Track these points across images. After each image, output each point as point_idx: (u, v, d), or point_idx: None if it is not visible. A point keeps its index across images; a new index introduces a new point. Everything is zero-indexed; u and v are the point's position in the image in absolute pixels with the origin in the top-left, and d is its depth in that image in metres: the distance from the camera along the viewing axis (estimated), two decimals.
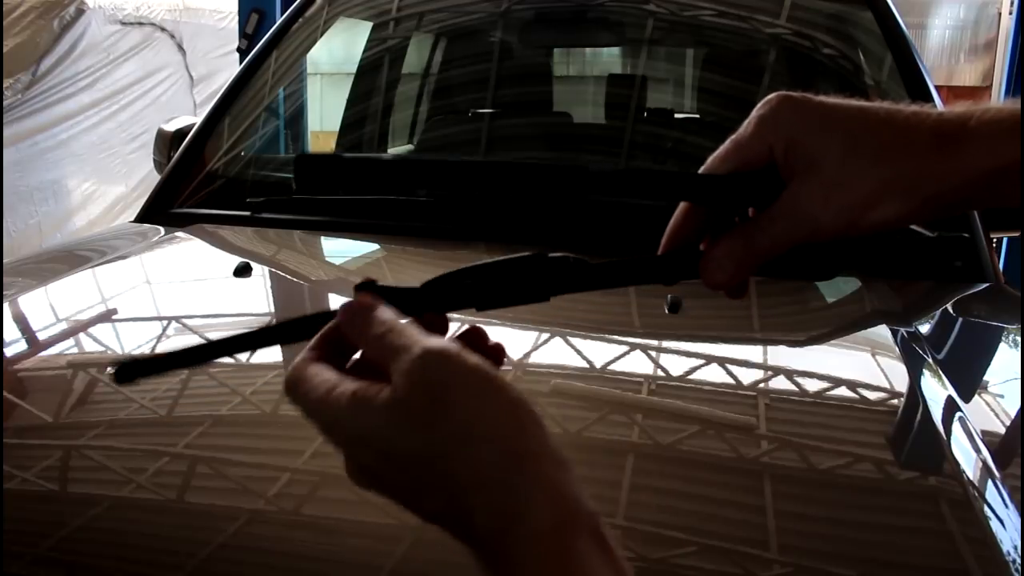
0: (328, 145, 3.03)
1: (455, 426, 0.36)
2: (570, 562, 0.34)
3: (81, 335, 1.17)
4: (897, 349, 1.08)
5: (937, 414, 0.91)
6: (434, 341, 0.38)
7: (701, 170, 0.47)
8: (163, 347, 1.13)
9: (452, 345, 0.38)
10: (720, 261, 0.45)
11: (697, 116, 2.32)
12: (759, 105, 0.46)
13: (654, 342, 1.12)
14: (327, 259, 1.59)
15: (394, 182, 0.44)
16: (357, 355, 0.43)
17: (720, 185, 0.46)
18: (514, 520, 0.35)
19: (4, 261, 2.21)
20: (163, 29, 5.02)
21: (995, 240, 1.69)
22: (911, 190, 0.44)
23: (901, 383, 1.01)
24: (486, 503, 0.36)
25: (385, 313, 0.41)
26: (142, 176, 4.73)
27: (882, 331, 1.14)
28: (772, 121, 0.45)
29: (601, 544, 0.35)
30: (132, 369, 0.45)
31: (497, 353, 0.43)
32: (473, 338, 0.43)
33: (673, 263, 0.47)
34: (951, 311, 1.32)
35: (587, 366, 1.03)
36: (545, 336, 1.10)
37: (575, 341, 1.10)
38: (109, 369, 0.44)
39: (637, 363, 1.06)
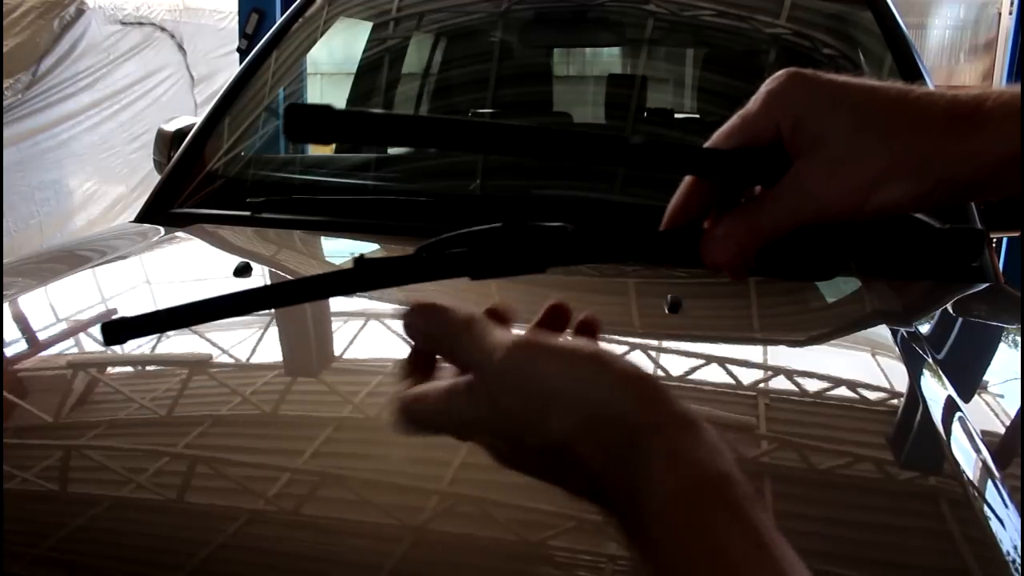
0: (328, 145, 3.02)
1: (563, 424, 0.36)
2: (700, 531, 0.33)
3: (81, 335, 1.17)
4: (897, 349, 1.08)
5: (937, 414, 0.91)
6: (511, 337, 0.38)
7: (706, 145, 0.45)
8: (163, 344, 1.13)
9: (532, 335, 0.38)
10: (721, 240, 0.44)
11: (697, 116, 2.32)
12: (767, 81, 0.44)
13: (654, 342, 1.12)
14: (327, 259, 1.59)
15: (390, 138, 0.42)
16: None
17: (724, 160, 0.44)
18: (636, 493, 0.35)
19: (4, 261, 2.21)
20: (163, 29, 5.02)
21: (995, 240, 1.69)
22: (920, 171, 0.41)
23: (901, 383, 1.01)
24: (610, 484, 0.36)
25: (451, 314, 0.40)
26: (143, 176, 4.73)
27: (882, 331, 1.14)
28: (780, 97, 0.43)
29: (734, 507, 0.34)
30: (120, 328, 0.43)
31: (591, 327, 0.43)
32: (558, 317, 0.43)
33: (673, 240, 0.46)
34: (951, 311, 1.32)
35: None
36: None
37: None
38: (98, 329, 0.43)
39: (637, 363, 1.06)
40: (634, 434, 0.35)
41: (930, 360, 1.04)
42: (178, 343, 1.15)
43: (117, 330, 0.43)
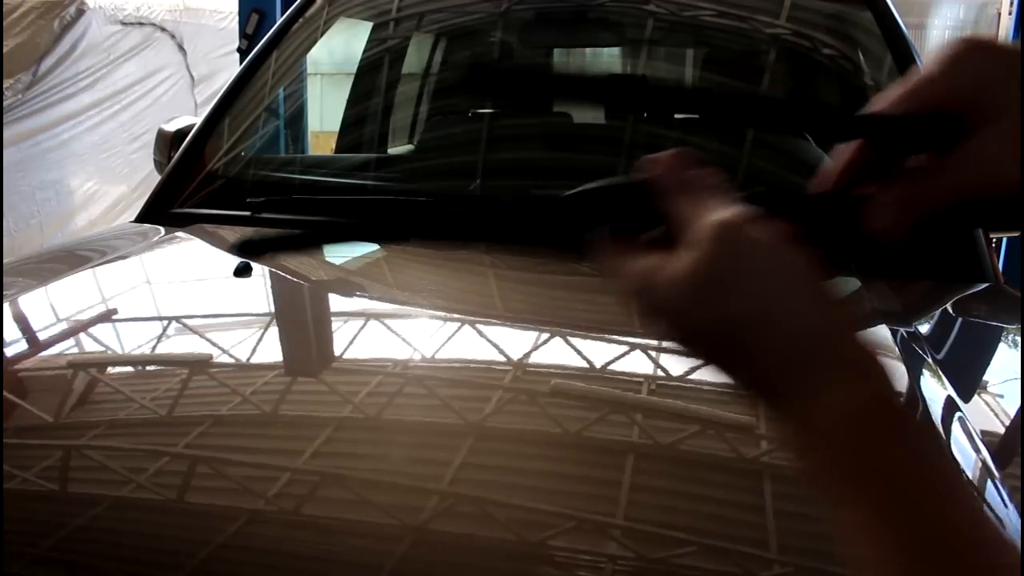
0: (328, 145, 3.03)
1: (746, 307, 0.36)
2: (877, 454, 0.32)
3: (81, 335, 1.17)
4: (897, 349, 1.08)
5: (937, 414, 0.91)
6: (728, 212, 0.38)
7: (871, 108, 0.43)
8: (163, 344, 1.13)
9: (745, 216, 0.37)
10: (886, 207, 0.42)
11: (697, 116, 2.32)
12: (945, 46, 0.42)
13: (654, 342, 1.12)
14: (327, 259, 1.59)
15: (571, 97, 0.44)
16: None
17: (897, 126, 0.42)
18: (805, 405, 0.34)
19: (4, 261, 2.21)
20: (163, 29, 5.02)
21: (995, 240, 1.69)
22: None
23: (901, 383, 1.01)
24: (778, 387, 0.35)
25: (683, 173, 0.41)
26: (144, 176, 4.73)
27: (882, 331, 1.14)
28: (962, 63, 0.41)
29: (912, 432, 0.33)
30: (261, 244, 0.46)
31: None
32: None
33: (836, 203, 0.44)
34: (951, 311, 1.32)
35: (587, 366, 1.03)
36: (545, 336, 1.10)
37: (575, 341, 1.10)
38: (234, 245, 0.46)
39: (637, 363, 1.06)
40: (815, 337, 0.35)
41: (930, 360, 1.04)
42: (178, 343, 1.15)
43: (257, 246, 0.46)
